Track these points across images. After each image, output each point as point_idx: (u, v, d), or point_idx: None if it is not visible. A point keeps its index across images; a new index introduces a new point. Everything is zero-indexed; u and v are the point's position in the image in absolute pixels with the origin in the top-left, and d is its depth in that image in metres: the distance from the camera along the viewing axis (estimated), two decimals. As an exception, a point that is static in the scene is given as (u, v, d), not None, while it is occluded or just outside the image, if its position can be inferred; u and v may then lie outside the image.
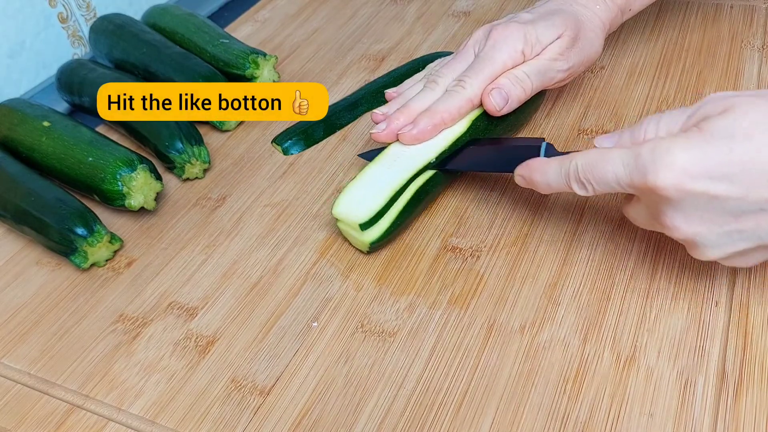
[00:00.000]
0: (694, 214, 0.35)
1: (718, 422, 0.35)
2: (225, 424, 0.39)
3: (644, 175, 0.35)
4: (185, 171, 0.57)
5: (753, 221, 0.35)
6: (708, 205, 0.35)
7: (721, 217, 0.35)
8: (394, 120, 0.49)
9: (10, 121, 0.58)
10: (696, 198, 0.35)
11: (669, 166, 0.35)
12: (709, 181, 0.34)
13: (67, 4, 0.73)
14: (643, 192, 0.37)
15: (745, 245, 0.36)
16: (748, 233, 0.35)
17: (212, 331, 0.45)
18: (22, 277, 0.51)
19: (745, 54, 0.58)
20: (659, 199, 0.36)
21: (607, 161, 0.38)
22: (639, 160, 0.36)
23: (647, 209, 0.38)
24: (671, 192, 0.35)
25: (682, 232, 0.36)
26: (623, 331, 0.40)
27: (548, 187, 0.42)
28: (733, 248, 0.36)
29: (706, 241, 0.36)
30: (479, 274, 0.45)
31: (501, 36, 0.49)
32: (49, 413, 0.42)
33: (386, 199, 0.46)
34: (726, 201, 0.34)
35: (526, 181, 0.44)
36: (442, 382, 0.39)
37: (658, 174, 0.35)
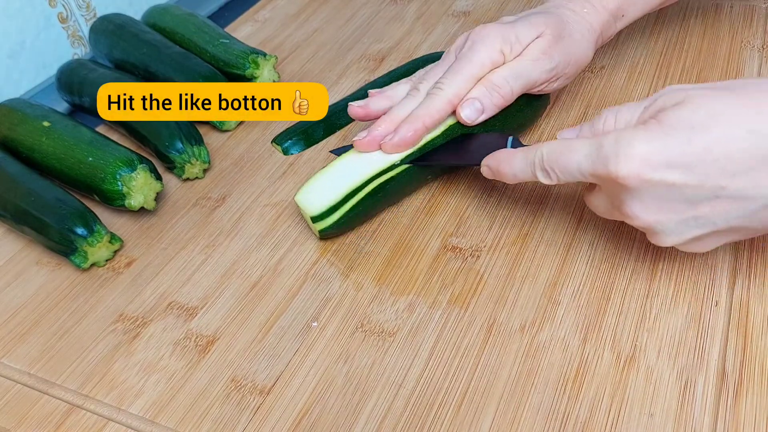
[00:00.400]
0: (653, 203, 0.37)
1: (718, 422, 0.35)
2: (225, 424, 0.39)
3: (606, 165, 0.37)
4: (185, 171, 0.57)
5: (708, 208, 0.36)
6: (666, 193, 0.36)
7: (678, 205, 0.36)
8: (376, 128, 0.48)
9: (10, 121, 0.58)
10: (655, 187, 0.36)
11: (630, 157, 0.36)
12: (667, 170, 0.35)
13: (67, 4, 0.73)
14: (604, 181, 0.38)
15: (701, 231, 0.37)
16: (704, 220, 0.36)
17: (212, 331, 0.45)
18: (22, 277, 0.51)
19: (745, 54, 0.58)
20: (620, 189, 0.37)
21: (571, 151, 0.39)
22: (601, 150, 0.37)
23: (608, 198, 0.40)
24: (631, 181, 0.36)
25: (641, 220, 0.38)
26: (623, 331, 0.40)
27: (514, 177, 0.43)
28: (689, 234, 0.37)
29: (665, 229, 0.37)
30: (479, 273, 0.45)
31: (479, 36, 0.49)
32: (49, 413, 0.42)
33: (342, 195, 0.47)
34: (683, 189, 0.35)
35: (492, 171, 0.45)
36: (442, 382, 0.39)
37: (619, 164, 0.36)
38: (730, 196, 0.35)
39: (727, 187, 0.35)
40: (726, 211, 0.36)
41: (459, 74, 0.48)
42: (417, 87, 0.50)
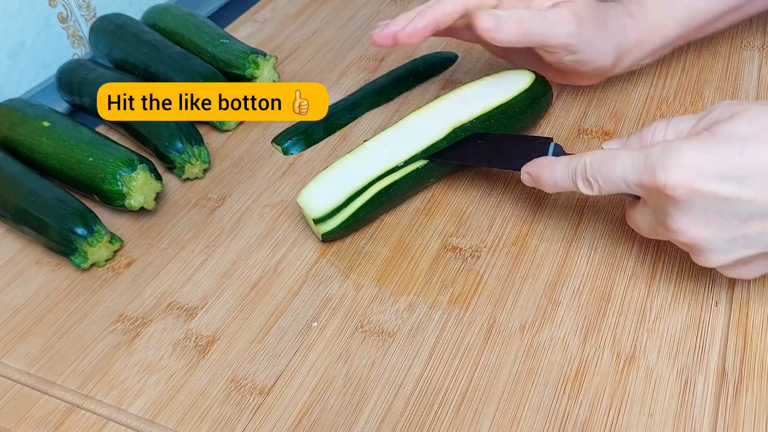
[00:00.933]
0: (701, 217, 0.35)
1: (718, 422, 0.35)
2: (225, 424, 0.39)
3: (653, 173, 0.35)
4: (185, 171, 0.57)
5: (760, 226, 0.34)
6: (716, 207, 0.34)
7: (728, 221, 0.35)
8: (393, 23, 0.47)
9: (10, 121, 0.58)
10: (705, 199, 0.34)
11: (680, 165, 0.34)
12: (719, 182, 0.34)
13: (67, 4, 0.73)
14: (650, 192, 0.37)
15: (749, 251, 0.35)
16: (754, 239, 0.35)
17: (212, 331, 0.45)
18: (22, 277, 0.51)
19: (745, 54, 0.58)
20: (666, 200, 0.36)
21: (616, 159, 0.38)
22: (649, 159, 0.36)
23: (653, 213, 0.38)
24: (680, 192, 0.34)
25: (687, 235, 0.36)
26: (623, 331, 0.40)
27: (555, 185, 0.42)
28: (737, 254, 0.36)
29: (712, 246, 0.36)
30: (479, 274, 0.45)
31: None
32: (49, 413, 0.42)
33: (345, 197, 0.47)
34: (735, 203, 0.34)
35: (533, 178, 0.43)
36: (442, 382, 0.39)
37: (668, 172, 0.35)
38: None
39: None
40: None
41: None
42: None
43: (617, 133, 0.53)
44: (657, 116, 0.53)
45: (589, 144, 0.53)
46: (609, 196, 0.48)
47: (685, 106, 0.54)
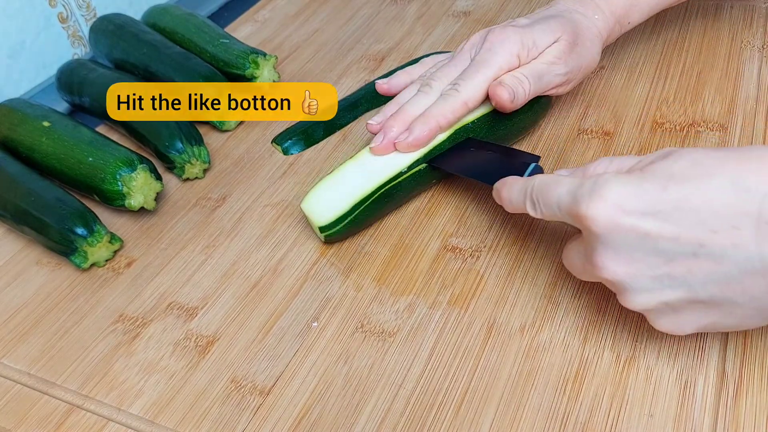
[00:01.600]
0: (624, 254, 0.34)
1: (718, 422, 0.35)
2: (225, 424, 0.39)
3: (579, 203, 0.35)
4: (185, 171, 0.57)
5: (684, 266, 0.33)
6: (639, 243, 0.33)
7: (651, 258, 0.33)
8: (390, 129, 0.48)
9: (10, 121, 0.58)
10: (626, 234, 0.33)
11: (603, 198, 0.34)
12: (641, 217, 0.33)
13: (67, 4, 0.73)
14: (577, 222, 0.36)
15: (675, 294, 0.33)
16: (679, 279, 0.33)
17: (212, 331, 0.45)
18: (22, 277, 0.51)
19: (745, 54, 0.58)
20: (591, 234, 0.35)
21: (557, 185, 0.37)
22: (580, 189, 0.35)
23: (583, 248, 0.37)
24: (601, 224, 0.34)
25: (610, 271, 0.35)
26: (623, 332, 0.40)
27: (510, 203, 0.42)
28: (662, 296, 0.34)
29: (635, 284, 0.34)
30: (479, 274, 0.45)
31: (498, 39, 0.49)
32: (49, 413, 0.42)
33: (351, 205, 0.47)
34: (657, 240, 0.33)
35: (497, 194, 0.44)
36: (442, 382, 0.39)
37: (590, 204, 0.34)
38: (709, 254, 0.32)
39: (706, 245, 0.32)
40: (704, 272, 0.32)
41: (477, 76, 0.49)
42: (429, 84, 0.50)
43: (617, 134, 0.53)
44: (657, 116, 0.53)
45: (589, 144, 0.53)
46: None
47: (685, 107, 0.54)
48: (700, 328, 0.35)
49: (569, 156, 0.52)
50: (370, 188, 0.47)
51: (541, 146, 0.53)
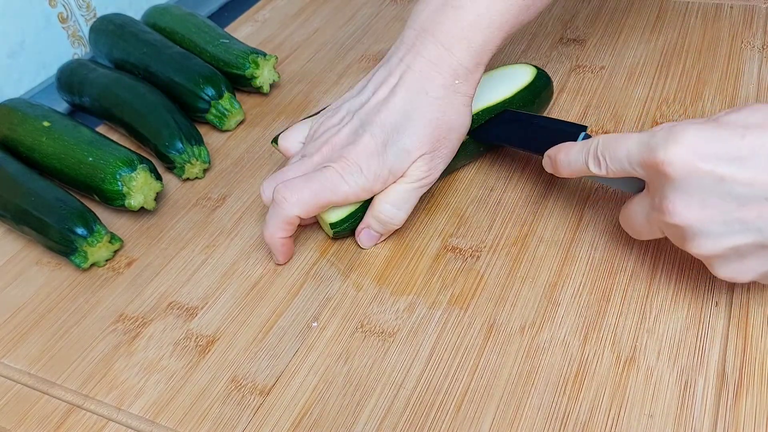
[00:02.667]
0: (698, 198, 0.35)
1: (718, 423, 0.35)
2: (225, 424, 0.39)
3: (655, 150, 0.36)
4: (185, 171, 0.57)
5: (756, 211, 0.34)
6: (714, 187, 0.34)
7: (724, 203, 0.34)
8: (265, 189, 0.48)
9: (10, 121, 0.58)
10: (702, 178, 0.34)
11: (680, 143, 0.35)
12: (717, 161, 0.34)
13: (67, 4, 0.73)
14: (650, 172, 0.37)
15: (743, 239, 0.35)
16: (750, 224, 0.34)
17: (212, 331, 0.45)
18: (22, 277, 0.51)
19: (745, 54, 0.58)
20: (664, 180, 0.36)
21: (625, 139, 0.38)
22: (653, 138, 0.36)
23: (650, 200, 0.38)
24: (678, 168, 0.35)
25: (682, 216, 0.36)
26: (623, 332, 0.40)
27: (568, 166, 0.43)
28: (731, 241, 0.35)
29: (706, 229, 0.35)
30: (479, 274, 0.45)
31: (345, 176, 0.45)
32: (49, 413, 0.42)
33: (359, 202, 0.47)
34: (733, 184, 0.34)
35: (551, 160, 0.44)
36: (442, 382, 0.39)
37: (668, 149, 0.35)
38: None
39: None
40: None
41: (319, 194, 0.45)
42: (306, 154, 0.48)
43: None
44: (657, 117, 0.53)
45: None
46: (609, 195, 0.48)
47: (685, 107, 0.54)
48: (761, 275, 0.36)
49: (569, 156, 0.52)
50: None
51: (541, 146, 0.53)
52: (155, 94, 0.59)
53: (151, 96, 0.59)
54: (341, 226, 0.47)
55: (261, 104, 0.65)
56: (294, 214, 0.45)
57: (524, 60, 0.62)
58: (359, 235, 0.48)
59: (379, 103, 0.47)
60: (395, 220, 0.47)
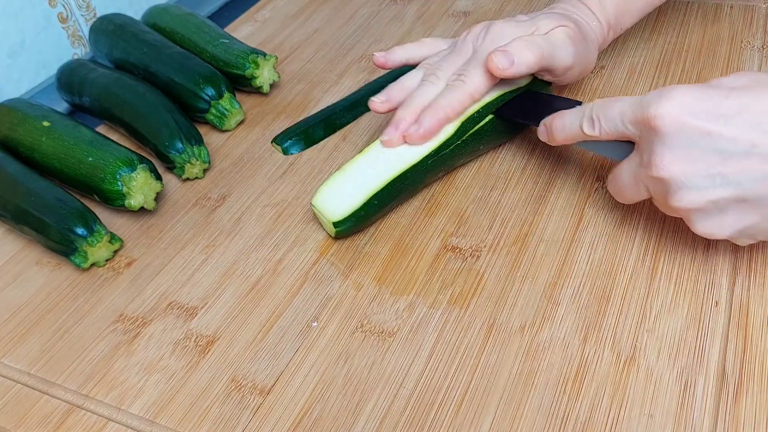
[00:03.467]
0: (684, 152, 0.37)
1: (718, 423, 0.35)
2: (225, 424, 0.39)
3: (647, 107, 0.38)
4: (185, 171, 0.57)
5: (738, 165, 0.36)
6: (699, 142, 0.36)
7: (709, 156, 0.36)
8: (401, 121, 0.48)
9: (10, 121, 0.58)
10: (689, 133, 0.37)
11: (671, 99, 0.37)
12: (705, 117, 0.36)
13: (67, 4, 0.73)
14: (641, 127, 0.39)
15: (724, 192, 0.37)
16: (731, 178, 0.36)
17: (212, 331, 0.45)
18: (22, 277, 0.51)
19: (745, 54, 0.58)
20: (653, 135, 0.38)
21: (619, 100, 0.41)
22: (645, 98, 0.39)
23: (638, 158, 0.40)
24: (667, 122, 0.37)
25: (667, 170, 0.38)
26: (623, 331, 0.40)
27: (563, 130, 0.45)
28: (712, 194, 0.37)
29: (689, 182, 0.37)
30: (479, 273, 0.45)
31: (500, 31, 0.50)
32: (49, 413, 0.42)
33: (363, 200, 0.47)
34: (717, 139, 0.36)
35: (546, 127, 0.46)
36: (442, 382, 0.39)
37: (659, 104, 0.37)
38: (761, 153, 0.35)
39: (758, 145, 0.35)
40: (754, 170, 0.36)
41: (480, 69, 0.49)
42: (435, 73, 0.50)
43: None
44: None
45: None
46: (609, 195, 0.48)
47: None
48: (737, 231, 0.38)
49: (569, 155, 0.52)
50: (384, 180, 0.47)
51: (541, 146, 0.53)
52: (155, 94, 0.59)
53: (151, 96, 0.59)
54: (344, 225, 0.47)
55: (261, 104, 0.65)
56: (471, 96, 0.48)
57: (524, 60, 0.62)
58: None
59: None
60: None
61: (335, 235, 0.48)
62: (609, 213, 0.47)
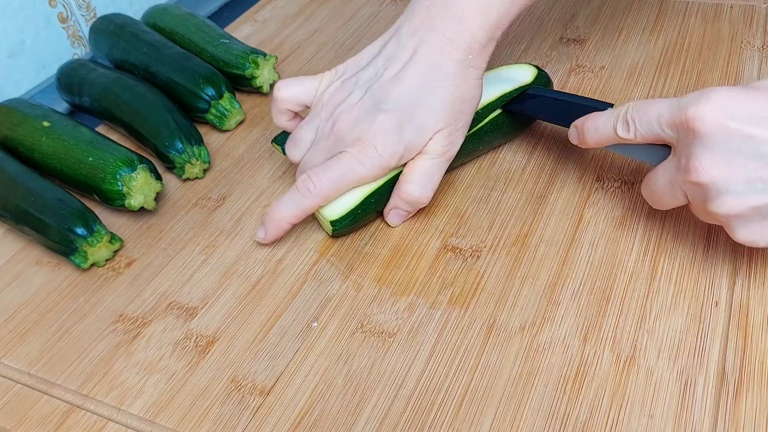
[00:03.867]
0: (724, 156, 0.36)
1: (718, 423, 0.35)
2: (225, 424, 0.39)
3: (686, 108, 0.37)
4: (185, 171, 0.57)
5: None
6: (740, 146, 0.35)
7: (749, 161, 0.35)
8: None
9: (10, 121, 0.58)
10: (730, 137, 0.35)
11: (711, 101, 0.36)
12: (746, 121, 0.35)
13: (67, 4, 0.73)
14: (679, 129, 0.38)
15: (766, 198, 0.36)
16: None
17: (212, 331, 0.45)
18: (22, 277, 0.51)
19: (745, 54, 0.58)
20: (692, 138, 0.37)
21: (656, 102, 0.40)
22: (683, 100, 0.38)
23: (675, 162, 0.39)
24: (707, 124, 0.36)
25: (707, 174, 0.36)
26: (623, 332, 0.40)
27: (596, 132, 0.43)
28: (753, 199, 0.36)
29: (729, 187, 0.36)
30: (479, 274, 0.45)
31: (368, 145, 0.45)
32: (49, 413, 0.42)
33: (360, 199, 0.47)
34: (759, 144, 0.35)
35: (578, 130, 0.45)
36: (442, 382, 0.39)
37: (698, 107, 0.36)
38: None
39: None
40: None
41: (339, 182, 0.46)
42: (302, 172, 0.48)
43: (617, 134, 0.53)
44: (657, 116, 0.53)
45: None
46: (609, 195, 0.48)
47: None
48: None
49: (569, 155, 0.52)
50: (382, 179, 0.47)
51: (541, 146, 0.53)
52: (155, 94, 0.59)
53: (151, 96, 0.59)
54: (341, 224, 0.47)
55: (261, 104, 0.65)
56: (316, 204, 0.46)
57: (524, 60, 0.62)
58: (388, 215, 0.48)
59: (393, 79, 0.46)
60: (422, 198, 0.47)
61: (332, 233, 0.48)
62: (609, 213, 0.47)
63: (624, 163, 0.50)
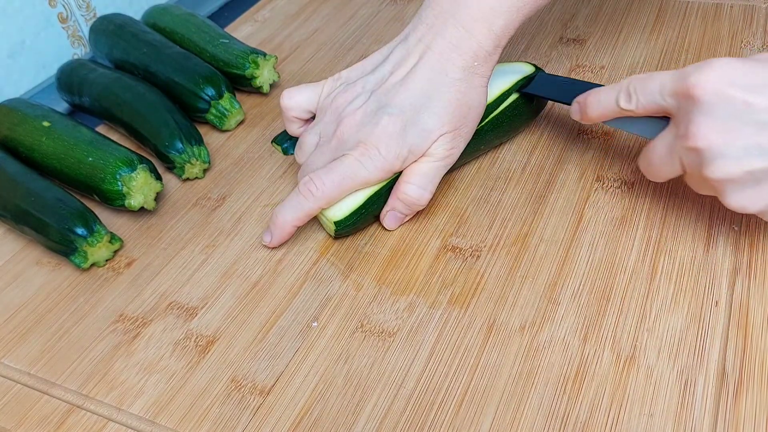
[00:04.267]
0: (722, 122, 0.37)
1: (718, 422, 0.35)
2: (225, 424, 0.39)
3: (687, 76, 0.38)
4: (185, 171, 0.57)
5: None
6: (738, 112, 0.36)
7: (747, 127, 0.36)
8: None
9: (10, 121, 0.58)
10: (728, 103, 0.37)
11: (713, 68, 0.37)
12: (745, 88, 0.36)
13: (67, 4, 0.73)
14: (680, 97, 0.39)
15: (760, 163, 0.37)
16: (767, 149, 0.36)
17: (212, 331, 0.45)
18: (22, 277, 0.51)
19: (745, 54, 0.58)
20: (692, 105, 0.38)
21: (658, 74, 0.41)
22: (685, 69, 0.39)
23: (674, 130, 0.40)
24: (708, 91, 0.37)
25: (705, 139, 0.37)
26: (623, 331, 0.40)
27: (598, 105, 0.44)
28: (748, 164, 0.37)
29: (726, 152, 0.37)
30: (479, 273, 0.45)
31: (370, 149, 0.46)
32: (49, 413, 0.42)
33: (363, 199, 0.47)
34: (758, 111, 0.36)
35: (580, 105, 0.46)
36: (442, 382, 0.39)
37: (700, 73, 0.37)
38: None
39: None
40: None
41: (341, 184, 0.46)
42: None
43: (617, 133, 0.53)
44: (657, 116, 0.53)
45: (589, 144, 0.53)
46: (609, 195, 0.48)
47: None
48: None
49: (569, 155, 0.52)
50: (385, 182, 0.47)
51: (541, 146, 0.53)
52: (155, 94, 0.59)
53: (151, 96, 0.59)
54: (344, 225, 0.47)
55: (261, 104, 0.65)
56: (318, 207, 0.46)
57: (524, 59, 0.62)
58: (384, 217, 0.48)
59: (398, 83, 0.47)
60: (421, 199, 0.47)
61: (335, 234, 0.48)
62: (609, 213, 0.47)
63: (624, 163, 0.50)
